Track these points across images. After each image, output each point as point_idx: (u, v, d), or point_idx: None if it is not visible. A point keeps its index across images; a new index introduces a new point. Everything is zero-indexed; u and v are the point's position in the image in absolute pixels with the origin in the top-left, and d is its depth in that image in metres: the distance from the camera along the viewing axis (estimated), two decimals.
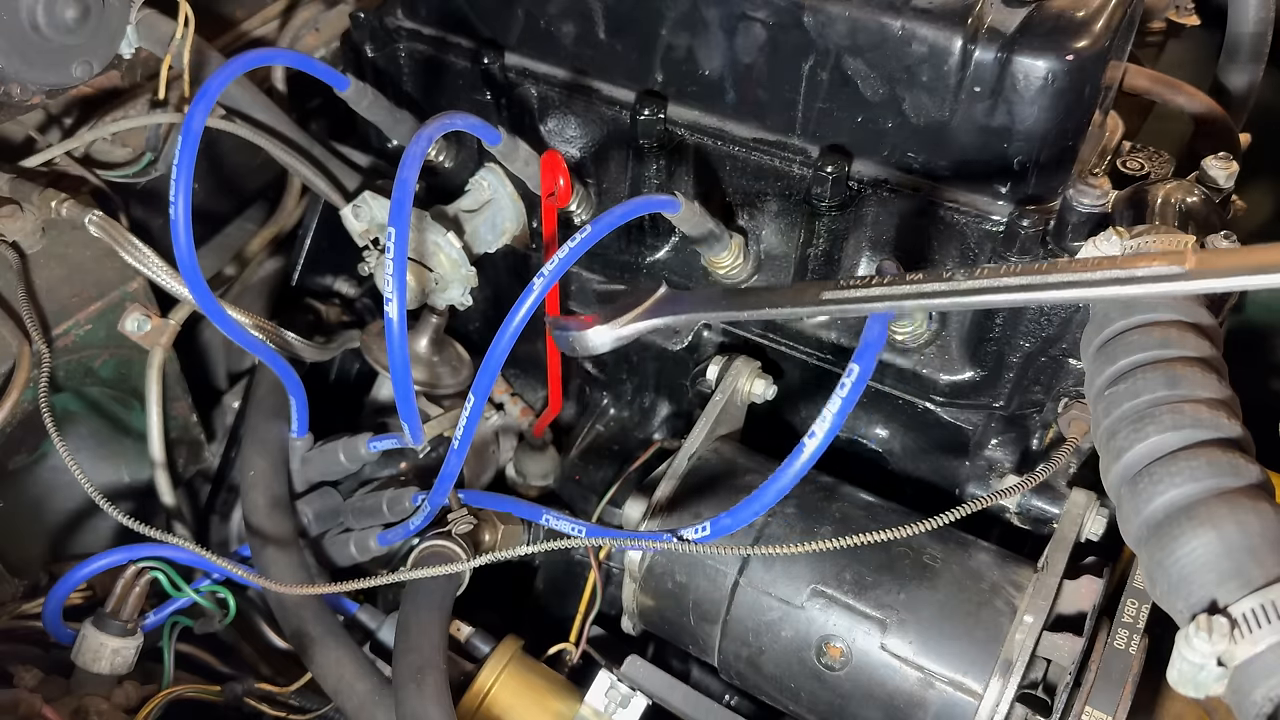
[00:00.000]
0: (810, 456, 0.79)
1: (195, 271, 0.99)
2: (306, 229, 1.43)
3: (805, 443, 0.79)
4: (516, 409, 1.44)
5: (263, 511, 1.20)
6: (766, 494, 0.83)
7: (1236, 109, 1.47)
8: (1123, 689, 0.91)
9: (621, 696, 1.06)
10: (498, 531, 1.21)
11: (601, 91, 1.19)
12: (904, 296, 0.78)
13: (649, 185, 1.15)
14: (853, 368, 0.77)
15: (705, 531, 0.90)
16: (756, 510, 0.85)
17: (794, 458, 0.80)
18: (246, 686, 1.15)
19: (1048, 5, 0.96)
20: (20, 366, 1.09)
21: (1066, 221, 0.99)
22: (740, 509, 0.86)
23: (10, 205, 1.16)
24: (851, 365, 0.77)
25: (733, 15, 1.05)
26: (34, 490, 1.24)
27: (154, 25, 1.20)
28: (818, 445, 0.78)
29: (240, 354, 1.51)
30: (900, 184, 1.06)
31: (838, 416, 0.77)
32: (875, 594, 1.02)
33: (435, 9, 1.27)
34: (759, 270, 1.19)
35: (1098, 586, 0.98)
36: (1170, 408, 0.75)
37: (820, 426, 0.78)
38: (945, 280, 0.76)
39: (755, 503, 0.84)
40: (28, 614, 1.14)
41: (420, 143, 0.97)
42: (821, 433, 0.78)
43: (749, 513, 0.86)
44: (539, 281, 0.90)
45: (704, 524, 0.90)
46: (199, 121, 0.95)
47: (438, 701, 0.99)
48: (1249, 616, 0.63)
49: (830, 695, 1.03)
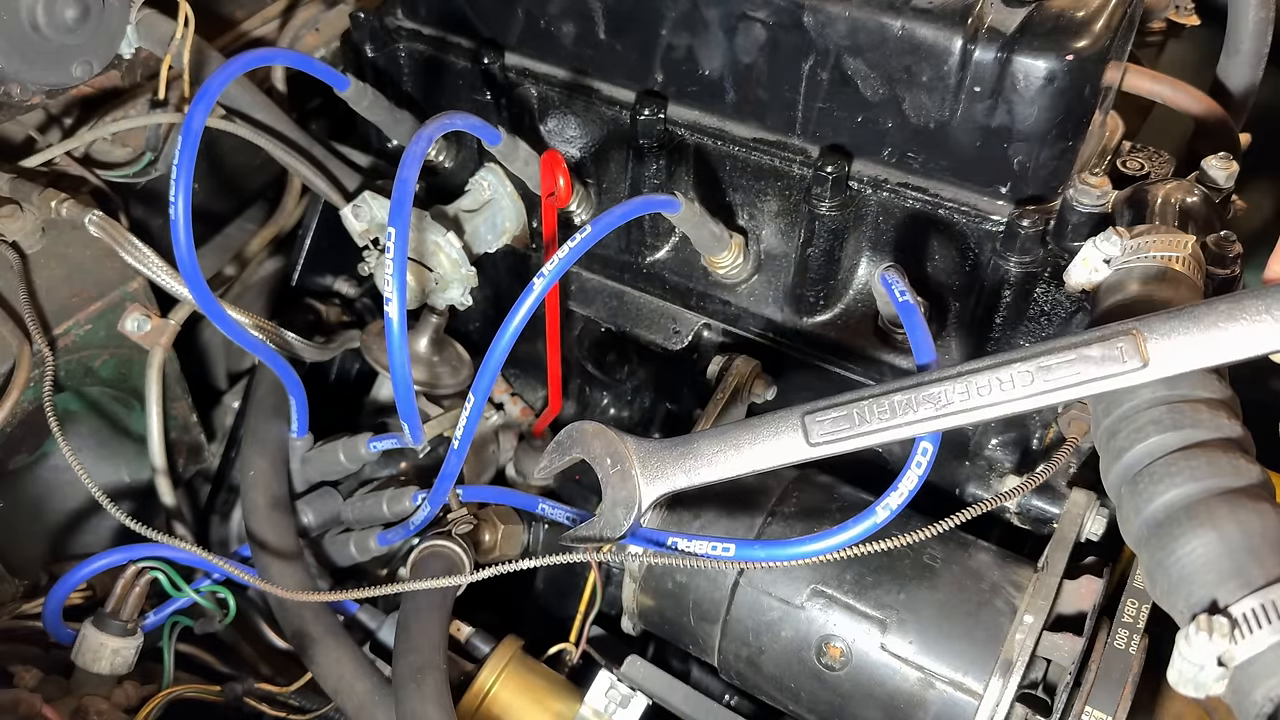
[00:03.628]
0: (870, 528, 0.79)
1: (195, 271, 0.99)
2: (306, 229, 1.43)
3: (877, 510, 0.79)
4: (516, 409, 1.44)
5: (263, 511, 1.20)
6: (812, 545, 0.82)
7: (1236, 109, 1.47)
8: (1123, 689, 0.91)
9: (621, 696, 1.06)
10: (498, 531, 1.21)
11: (601, 91, 1.19)
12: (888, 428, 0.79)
13: (649, 185, 1.15)
14: (926, 446, 0.79)
15: (730, 550, 0.87)
16: (795, 556, 0.83)
17: (857, 521, 0.79)
18: (246, 686, 1.15)
19: (1048, 5, 0.96)
20: (21, 366, 1.09)
21: (1066, 221, 0.99)
22: (777, 545, 0.84)
23: (10, 205, 1.16)
24: (925, 444, 0.79)
25: (733, 15, 1.05)
26: (34, 490, 1.24)
27: (154, 25, 1.20)
28: (885, 518, 0.79)
29: (240, 354, 1.51)
30: (900, 184, 1.06)
31: (911, 492, 0.78)
32: (875, 594, 1.02)
33: (435, 9, 1.27)
34: (759, 270, 1.19)
35: (1098, 586, 0.98)
36: (1170, 407, 0.75)
37: (894, 499, 0.79)
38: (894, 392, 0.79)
39: (795, 547, 0.83)
40: (28, 614, 1.14)
41: (420, 143, 0.97)
42: (895, 505, 0.78)
43: (787, 554, 0.84)
44: (539, 281, 0.90)
45: (728, 543, 0.87)
46: (199, 121, 0.95)
47: (438, 701, 0.99)
48: (1249, 616, 0.63)
49: (830, 695, 1.03)
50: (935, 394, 0.78)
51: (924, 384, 0.78)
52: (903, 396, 0.79)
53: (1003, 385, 0.76)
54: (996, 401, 0.76)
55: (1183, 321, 0.72)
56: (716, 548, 0.88)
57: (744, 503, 1.10)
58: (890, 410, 0.79)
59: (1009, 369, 0.76)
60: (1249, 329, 0.70)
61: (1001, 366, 0.76)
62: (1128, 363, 0.73)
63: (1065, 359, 0.74)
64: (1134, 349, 0.73)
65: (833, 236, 1.08)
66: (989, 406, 0.77)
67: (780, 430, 0.82)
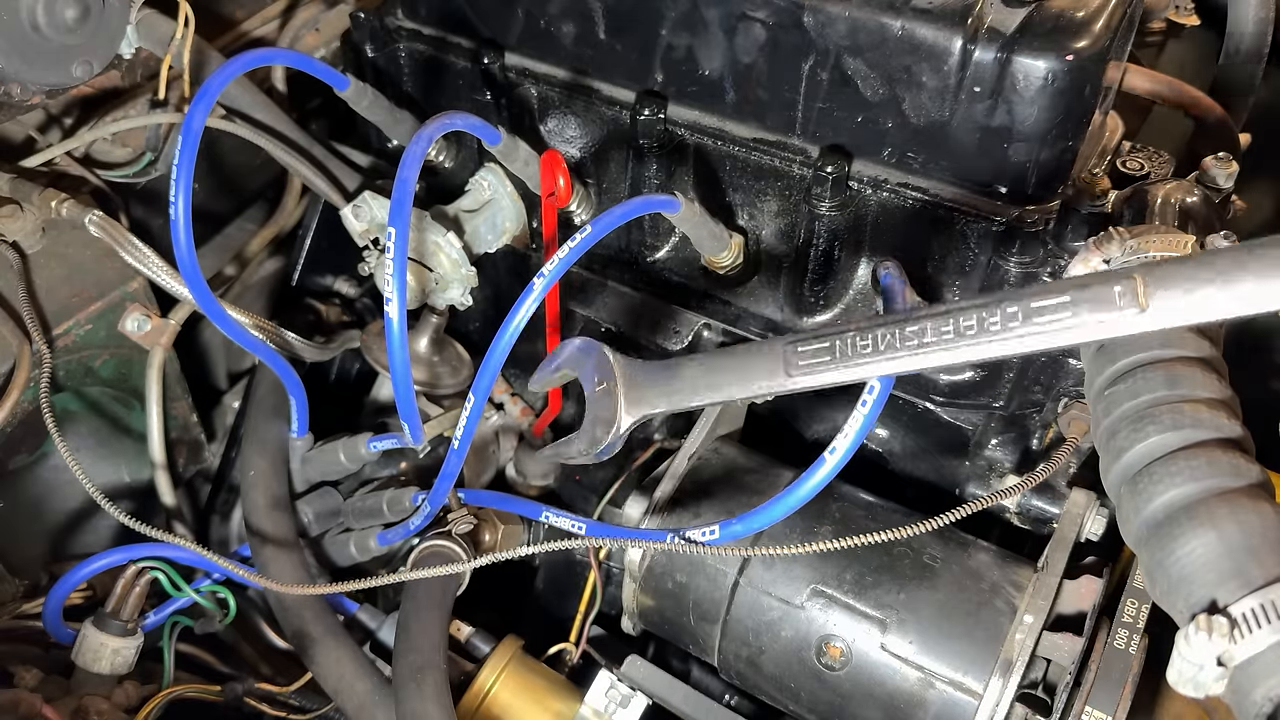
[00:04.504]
0: (829, 473, 0.79)
1: (195, 271, 0.99)
2: (306, 229, 1.43)
3: (825, 458, 0.79)
4: (516, 409, 1.44)
5: (263, 511, 1.20)
6: (781, 504, 0.83)
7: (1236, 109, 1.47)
8: (1123, 689, 0.91)
9: (621, 696, 1.06)
10: (498, 531, 1.21)
11: (601, 91, 1.19)
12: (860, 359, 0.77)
13: (649, 185, 1.15)
14: (874, 384, 0.77)
15: (714, 534, 0.90)
16: (770, 519, 0.85)
17: (812, 471, 0.80)
18: (246, 686, 1.14)
19: (1048, 5, 0.96)
20: (20, 366, 1.09)
21: (1066, 221, 0.99)
22: (752, 515, 0.86)
23: (10, 205, 1.16)
24: (872, 382, 0.77)
25: (733, 15, 1.05)
26: (34, 490, 1.24)
27: (154, 25, 1.20)
28: (838, 461, 0.78)
29: (240, 354, 1.51)
30: (900, 184, 1.06)
31: (859, 433, 0.77)
32: (875, 594, 1.02)
33: (435, 9, 1.27)
34: (759, 270, 1.19)
35: (1098, 586, 0.98)
36: (1170, 407, 0.75)
37: (841, 442, 0.78)
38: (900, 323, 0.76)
39: (768, 511, 0.84)
40: (28, 614, 1.14)
41: (420, 143, 0.97)
42: (842, 449, 0.78)
43: (761, 520, 0.86)
44: (539, 281, 0.90)
45: (712, 527, 0.90)
46: (199, 121, 0.95)
47: (438, 701, 0.99)
48: (1249, 616, 0.63)
49: (830, 695, 1.03)
50: (918, 329, 0.74)
51: (908, 320, 0.75)
52: (885, 331, 0.75)
53: (988, 324, 0.71)
54: (981, 340, 0.72)
55: (1187, 269, 0.67)
56: (705, 533, 0.90)
57: (743, 502, 1.10)
58: (872, 345, 0.75)
59: (998, 308, 0.72)
60: (1256, 284, 0.65)
61: (990, 305, 0.72)
62: (1125, 308, 0.68)
63: (1058, 300, 0.70)
64: (1132, 294, 0.68)
65: (833, 236, 1.08)
66: (973, 345, 0.72)
67: (761, 358, 0.80)
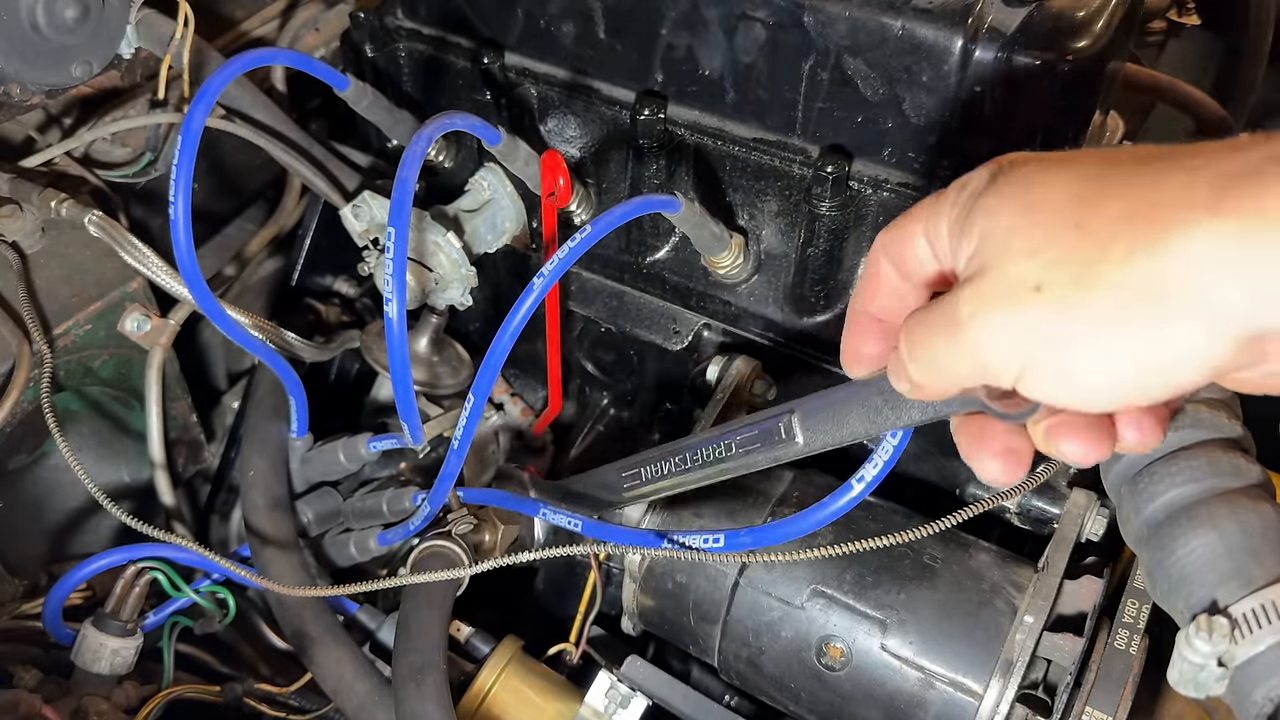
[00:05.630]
0: (851, 501, 0.78)
1: (195, 271, 0.99)
2: (306, 229, 1.43)
3: (853, 484, 0.77)
4: (516, 409, 1.44)
5: (262, 512, 1.20)
6: (796, 525, 0.82)
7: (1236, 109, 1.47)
8: (1123, 689, 0.91)
9: (621, 697, 1.06)
10: (498, 532, 1.21)
11: (601, 91, 1.19)
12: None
13: (649, 185, 1.15)
14: None
15: (719, 543, 0.88)
16: (783, 536, 0.84)
17: (836, 497, 0.78)
18: (246, 686, 1.14)
19: (1048, 5, 0.96)
20: (20, 366, 1.08)
21: None
22: (764, 530, 0.85)
23: (10, 205, 1.16)
24: None
25: (733, 15, 1.04)
26: (34, 490, 1.24)
27: (154, 25, 1.20)
28: (863, 490, 0.77)
29: (240, 354, 1.51)
30: (900, 184, 1.06)
31: (887, 464, 0.76)
32: (875, 594, 1.02)
33: (435, 9, 1.27)
34: (759, 270, 1.19)
35: (1098, 587, 0.98)
36: None
37: (869, 471, 0.76)
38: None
39: (782, 529, 0.83)
40: (28, 614, 1.13)
41: (420, 143, 0.97)
42: (869, 477, 0.76)
43: (775, 536, 0.84)
44: (539, 281, 0.90)
45: (718, 535, 0.88)
46: (199, 121, 0.95)
47: (438, 701, 0.99)
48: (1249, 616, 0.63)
49: (830, 695, 1.03)
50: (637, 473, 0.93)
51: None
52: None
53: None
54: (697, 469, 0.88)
55: (820, 403, 0.75)
56: (708, 540, 0.89)
57: (745, 502, 1.10)
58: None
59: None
60: (867, 417, 0.70)
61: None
62: (787, 438, 0.78)
63: (745, 434, 0.82)
64: (790, 427, 0.78)
65: (833, 236, 1.08)
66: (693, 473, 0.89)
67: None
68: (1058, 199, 0.51)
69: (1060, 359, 0.49)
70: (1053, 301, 0.49)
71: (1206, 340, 0.46)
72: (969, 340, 0.52)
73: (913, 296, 0.62)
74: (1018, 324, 0.50)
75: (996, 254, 0.52)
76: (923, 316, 0.56)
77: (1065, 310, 0.49)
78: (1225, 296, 0.45)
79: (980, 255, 0.53)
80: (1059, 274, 0.49)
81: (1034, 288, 0.49)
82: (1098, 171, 0.51)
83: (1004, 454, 0.61)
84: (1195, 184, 0.47)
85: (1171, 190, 0.47)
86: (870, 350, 0.66)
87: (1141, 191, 0.48)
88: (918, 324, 0.56)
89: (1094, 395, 0.50)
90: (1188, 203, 0.46)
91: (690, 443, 0.89)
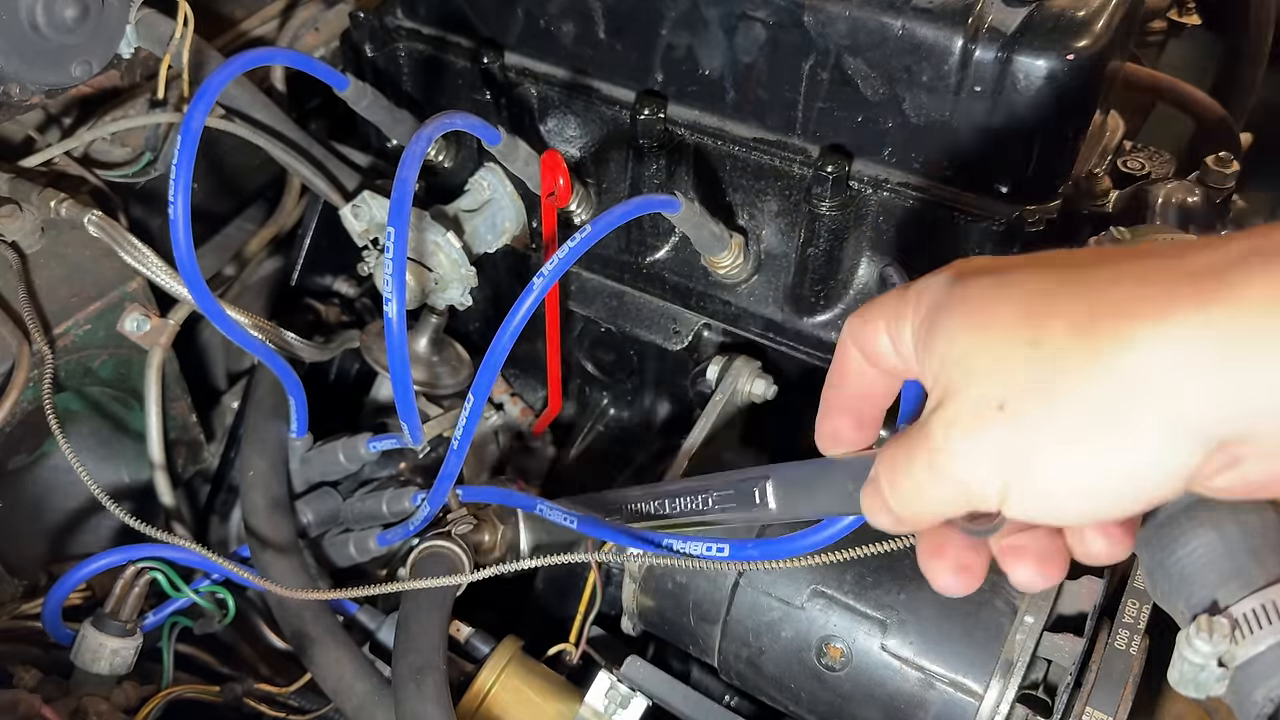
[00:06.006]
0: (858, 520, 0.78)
1: (195, 271, 0.99)
2: (306, 229, 1.43)
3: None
4: (516, 409, 1.44)
5: (262, 512, 1.20)
6: (809, 540, 0.80)
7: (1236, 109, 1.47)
8: (1123, 689, 0.91)
9: (621, 697, 1.06)
10: (498, 532, 1.21)
11: (601, 91, 1.19)
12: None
13: (649, 185, 1.15)
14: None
15: (724, 551, 0.87)
16: (792, 551, 0.82)
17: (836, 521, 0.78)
18: (246, 687, 1.14)
19: (1048, 5, 0.96)
20: (20, 366, 1.08)
21: (1068, 221, 0.99)
22: (774, 544, 0.84)
23: (10, 205, 1.16)
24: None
25: (733, 15, 1.04)
26: (34, 490, 1.23)
27: (153, 25, 1.19)
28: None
29: (240, 354, 1.50)
30: (901, 184, 1.06)
31: None
32: (875, 594, 1.02)
33: (435, 9, 1.27)
34: (759, 270, 1.19)
35: (1098, 587, 0.98)
36: None
37: None
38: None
39: (793, 543, 0.82)
40: (27, 614, 1.13)
41: (420, 142, 0.97)
42: None
43: (783, 551, 0.83)
44: (539, 281, 0.90)
45: (722, 544, 0.87)
46: (198, 121, 0.95)
47: (437, 701, 0.99)
48: (1250, 617, 0.63)
49: (830, 696, 1.03)
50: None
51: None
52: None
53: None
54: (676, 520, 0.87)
55: (794, 474, 0.75)
56: (712, 548, 0.88)
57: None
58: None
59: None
60: (837, 499, 0.70)
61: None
62: (761, 503, 0.77)
63: (721, 492, 0.81)
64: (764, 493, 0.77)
65: (833, 236, 1.08)
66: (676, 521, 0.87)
67: None
68: (1010, 316, 0.51)
69: (1033, 476, 0.49)
70: (1016, 420, 0.49)
71: (1170, 449, 0.46)
72: (947, 463, 0.52)
73: (881, 383, 0.63)
74: (990, 443, 0.50)
75: (960, 377, 0.52)
76: (899, 446, 0.56)
77: (1031, 428, 0.48)
78: (1181, 402, 0.45)
79: (945, 378, 0.53)
80: (1019, 392, 0.49)
81: (998, 407, 0.49)
82: (1052, 283, 0.51)
83: (958, 570, 0.62)
84: (1144, 292, 0.46)
85: (1119, 298, 0.47)
86: (846, 435, 0.67)
87: (1089, 302, 0.48)
88: (895, 453, 0.56)
89: (1073, 511, 0.50)
90: (1135, 312, 0.46)
91: (671, 489, 0.88)
